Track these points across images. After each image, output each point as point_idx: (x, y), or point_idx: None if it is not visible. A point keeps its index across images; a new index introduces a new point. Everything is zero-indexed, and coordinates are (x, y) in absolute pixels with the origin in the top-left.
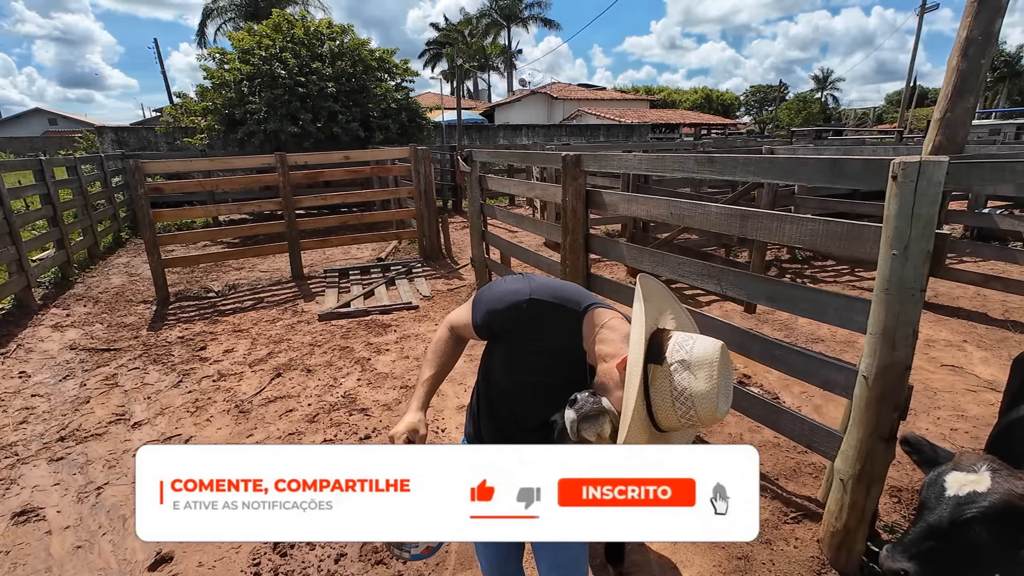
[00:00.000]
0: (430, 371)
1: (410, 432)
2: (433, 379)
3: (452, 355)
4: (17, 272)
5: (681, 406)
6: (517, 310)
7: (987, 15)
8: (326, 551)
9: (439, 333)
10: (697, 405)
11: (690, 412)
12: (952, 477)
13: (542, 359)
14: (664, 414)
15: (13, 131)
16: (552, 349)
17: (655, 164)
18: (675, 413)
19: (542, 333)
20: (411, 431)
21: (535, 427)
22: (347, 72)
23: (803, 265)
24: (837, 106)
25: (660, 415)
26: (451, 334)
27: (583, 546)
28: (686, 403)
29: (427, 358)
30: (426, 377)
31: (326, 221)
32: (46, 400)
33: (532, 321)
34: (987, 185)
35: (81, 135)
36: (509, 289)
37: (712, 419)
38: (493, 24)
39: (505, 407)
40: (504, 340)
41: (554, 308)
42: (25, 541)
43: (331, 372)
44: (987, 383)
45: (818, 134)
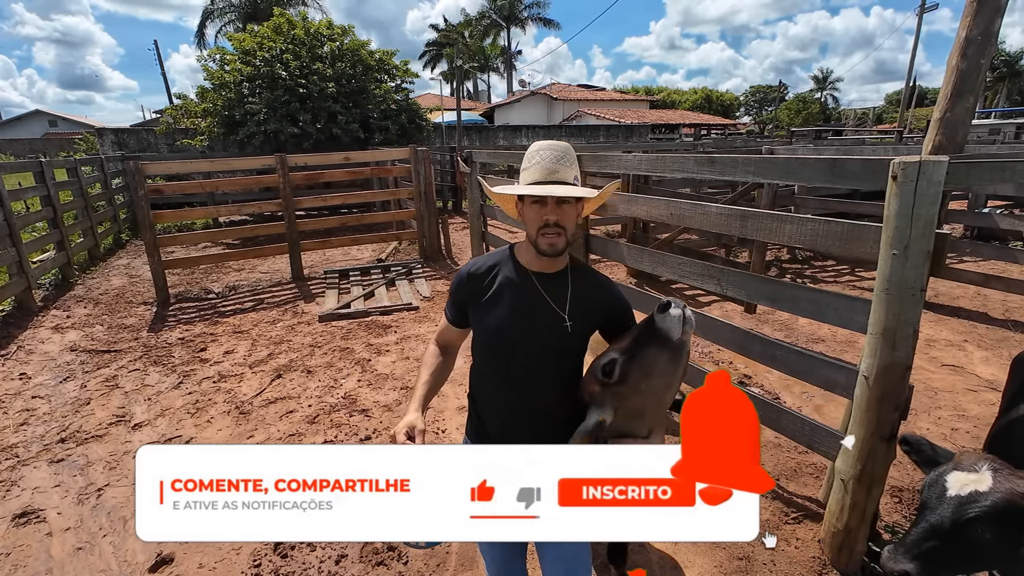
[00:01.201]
0: (425, 374)
1: (409, 428)
2: (428, 384)
3: (442, 362)
4: (17, 274)
5: (527, 162)
6: (463, 277)
7: (986, 15)
8: (327, 552)
9: (428, 345)
10: (530, 150)
11: (533, 152)
12: (953, 477)
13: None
14: (531, 174)
15: (13, 133)
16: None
17: (655, 164)
18: (531, 165)
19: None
20: (410, 427)
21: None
22: (347, 73)
23: (803, 265)
24: (837, 106)
25: (532, 175)
26: (436, 341)
27: (585, 543)
28: (527, 160)
29: (422, 363)
30: (422, 381)
31: (326, 222)
32: (46, 402)
33: (472, 284)
34: (987, 185)
35: (81, 137)
36: (456, 274)
37: (541, 143)
38: (492, 25)
39: (498, 394)
40: (475, 314)
41: (488, 259)
42: (26, 543)
43: (331, 373)
44: (988, 383)
45: (818, 134)
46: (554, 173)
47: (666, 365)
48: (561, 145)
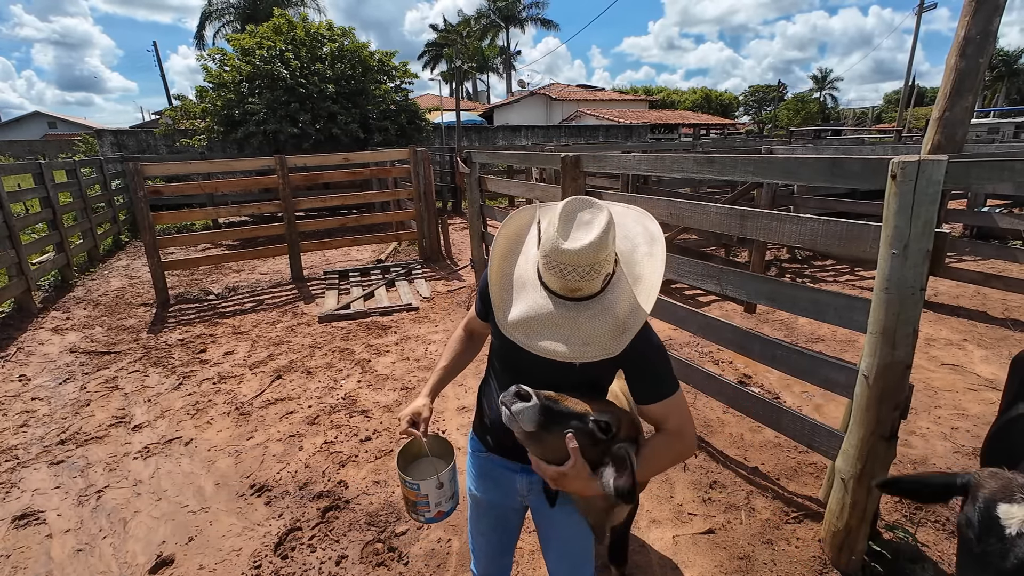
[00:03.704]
0: (443, 362)
1: (414, 415)
2: (444, 370)
3: (464, 348)
4: (17, 275)
5: (543, 259)
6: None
7: (985, 14)
8: (327, 552)
9: (456, 329)
10: (547, 246)
11: (548, 260)
12: (1006, 510)
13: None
14: (545, 277)
15: (13, 134)
16: None
17: (654, 164)
18: (545, 269)
19: None
20: (415, 414)
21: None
22: (347, 74)
23: (803, 265)
24: (836, 106)
25: (546, 280)
26: (464, 326)
27: (591, 539)
28: (542, 251)
29: (445, 347)
30: (439, 367)
31: (326, 223)
32: (46, 403)
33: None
34: (986, 184)
35: (80, 138)
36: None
37: (560, 252)
38: (491, 25)
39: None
40: (492, 321)
41: None
42: (26, 544)
43: (331, 374)
44: (987, 382)
45: (817, 134)
46: (577, 291)
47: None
48: (600, 224)
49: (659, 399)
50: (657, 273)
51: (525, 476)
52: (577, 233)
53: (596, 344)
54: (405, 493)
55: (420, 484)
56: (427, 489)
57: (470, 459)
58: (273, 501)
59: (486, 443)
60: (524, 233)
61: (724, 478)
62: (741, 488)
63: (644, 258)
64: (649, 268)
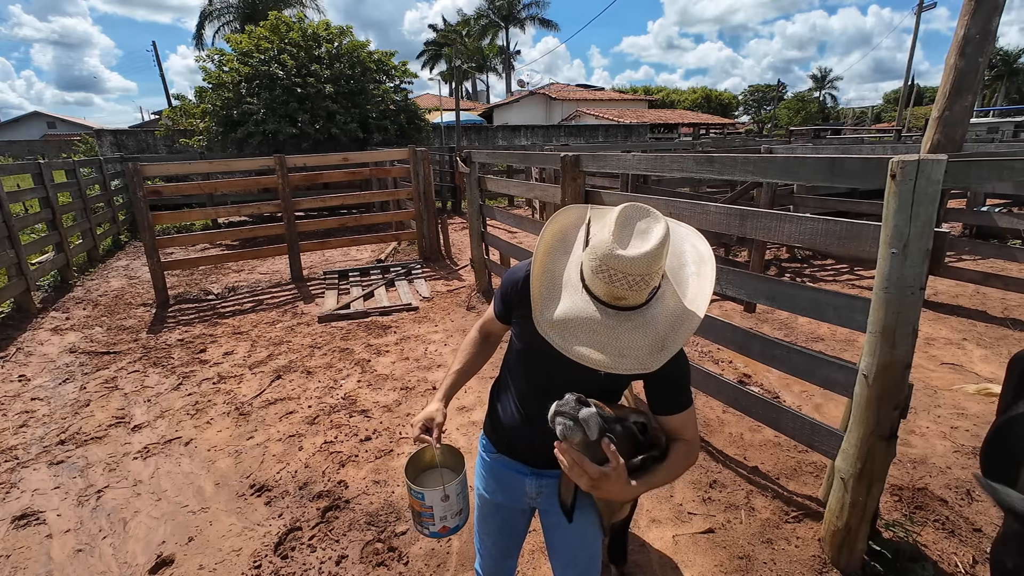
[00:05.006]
0: (457, 365)
1: (427, 421)
2: (458, 373)
3: (479, 351)
4: (16, 276)
5: (592, 262)
6: (517, 283)
7: (984, 13)
8: (327, 553)
9: (470, 331)
10: (599, 250)
11: (599, 264)
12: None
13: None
14: (590, 281)
15: (12, 135)
16: None
17: (654, 164)
18: (592, 273)
19: None
20: (428, 420)
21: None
22: (345, 74)
23: (802, 264)
24: (835, 105)
25: (590, 285)
26: (479, 328)
27: (598, 546)
28: (592, 255)
29: (459, 350)
30: (453, 370)
31: (325, 223)
32: (46, 403)
33: (525, 293)
34: (985, 183)
35: (80, 138)
36: (516, 267)
37: (614, 257)
38: (491, 25)
39: (517, 401)
40: (517, 323)
41: None
42: (25, 545)
43: (331, 374)
44: (987, 381)
45: (816, 133)
46: (621, 300)
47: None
48: (657, 235)
49: (680, 410)
50: (705, 294)
51: (534, 479)
52: (635, 241)
53: (632, 357)
54: (411, 503)
55: (425, 493)
56: (432, 500)
57: (479, 460)
58: (273, 501)
59: (496, 445)
60: (570, 233)
61: (724, 477)
62: (741, 487)
63: (691, 278)
64: (696, 287)
